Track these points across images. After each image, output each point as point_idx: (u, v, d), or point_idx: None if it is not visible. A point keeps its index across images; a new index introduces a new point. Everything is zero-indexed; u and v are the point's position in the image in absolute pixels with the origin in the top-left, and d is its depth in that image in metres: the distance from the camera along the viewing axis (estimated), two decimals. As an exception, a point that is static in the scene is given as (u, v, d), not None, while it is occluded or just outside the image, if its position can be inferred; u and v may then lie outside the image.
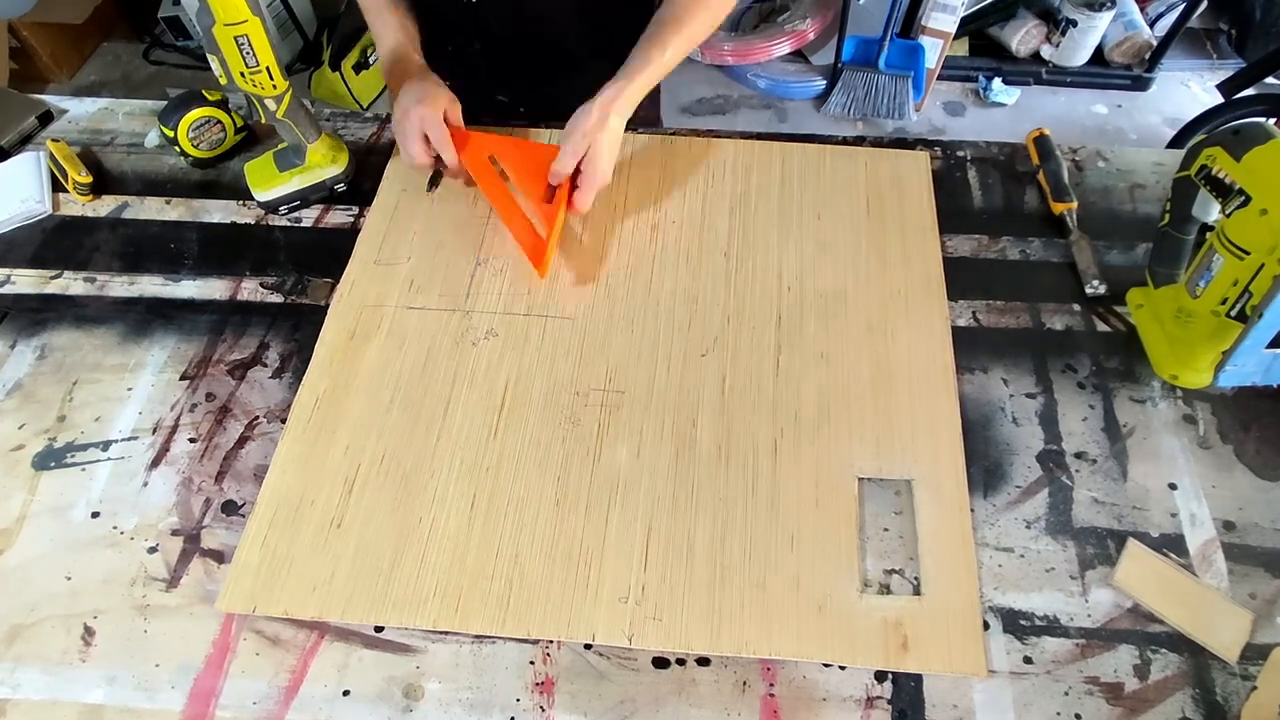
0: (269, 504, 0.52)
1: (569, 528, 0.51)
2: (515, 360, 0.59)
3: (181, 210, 0.69)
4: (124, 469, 0.54)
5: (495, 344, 0.60)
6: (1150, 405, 0.57)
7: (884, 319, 0.60)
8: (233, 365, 0.60)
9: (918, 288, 0.62)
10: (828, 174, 0.70)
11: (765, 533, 0.51)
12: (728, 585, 0.49)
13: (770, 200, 0.68)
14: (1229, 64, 1.81)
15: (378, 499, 0.52)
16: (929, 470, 0.53)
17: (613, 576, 0.49)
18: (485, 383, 0.58)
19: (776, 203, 0.68)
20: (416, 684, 0.46)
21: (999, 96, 1.79)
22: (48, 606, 0.49)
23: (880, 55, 1.69)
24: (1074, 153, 0.72)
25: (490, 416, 0.56)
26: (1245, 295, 0.51)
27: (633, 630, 0.47)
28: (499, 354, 0.59)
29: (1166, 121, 1.75)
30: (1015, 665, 0.46)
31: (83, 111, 0.77)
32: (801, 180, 0.69)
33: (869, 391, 0.57)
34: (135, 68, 1.94)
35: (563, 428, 0.55)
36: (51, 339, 0.61)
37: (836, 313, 0.61)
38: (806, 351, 0.59)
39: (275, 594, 0.49)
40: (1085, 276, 0.62)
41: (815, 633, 0.47)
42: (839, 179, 0.69)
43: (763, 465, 0.53)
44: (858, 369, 0.58)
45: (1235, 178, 0.53)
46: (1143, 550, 0.50)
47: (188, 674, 0.46)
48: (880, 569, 0.50)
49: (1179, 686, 0.46)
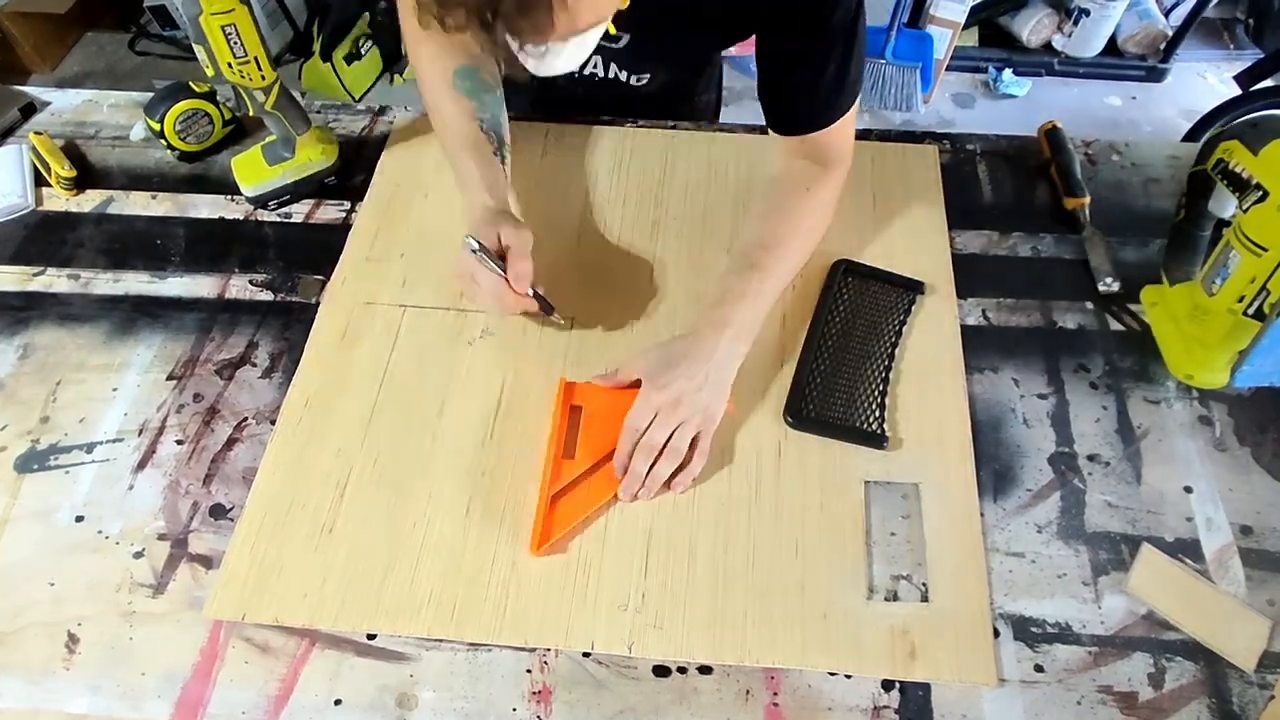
0: (258, 508, 0.51)
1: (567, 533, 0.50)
2: (512, 361, 0.57)
3: (168, 205, 0.68)
4: (109, 472, 0.53)
5: (491, 344, 0.58)
6: (1165, 406, 0.55)
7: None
8: (221, 365, 0.58)
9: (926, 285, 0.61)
10: None
11: (769, 538, 0.50)
12: (730, 592, 0.48)
13: None
14: (1246, 55, 1.78)
15: (370, 503, 0.51)
16: (937, 473, 0.52)
17: (612, 583, 0.48)
18: (481, 384, 0.56)
19: None
20: (410, 693, 0.45)
21: (1010, 88, 1.76)
22: (30, 613, 0.48)
23: (887, 45, 1.67)
24: (1087, 146, 0.70)
25: (486, 418, 0.54)
26: (1263, 293, 0.50)
27: (633, 639, 0.46)
28: (495, 354, 0.58)
29: (1182, 114, 1.72)
30: (1026, 674, 0.45)
31: (66, 103, 0.75)
32: None
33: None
34: (120, 58, 1.90)
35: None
36: (34, 338, 0.60)
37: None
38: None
39: (265, 601, 0.47)
40: (1098, 274, 0.61)
41: (820, 641, 0.46)
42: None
43: (766, 469, 0.52)
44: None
45: (1253, 172, 0.51)
46: (1157, 555, 0.49)
47: (174, 683, 0.45)
48: (887, 575, 0.48)
49: (1194, 695, 0.45)
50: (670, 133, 0.71)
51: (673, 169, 0.68)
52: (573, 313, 0.60)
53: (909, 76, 1.69)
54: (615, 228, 0.65)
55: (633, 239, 0.64)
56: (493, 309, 0.57)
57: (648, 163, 0.69)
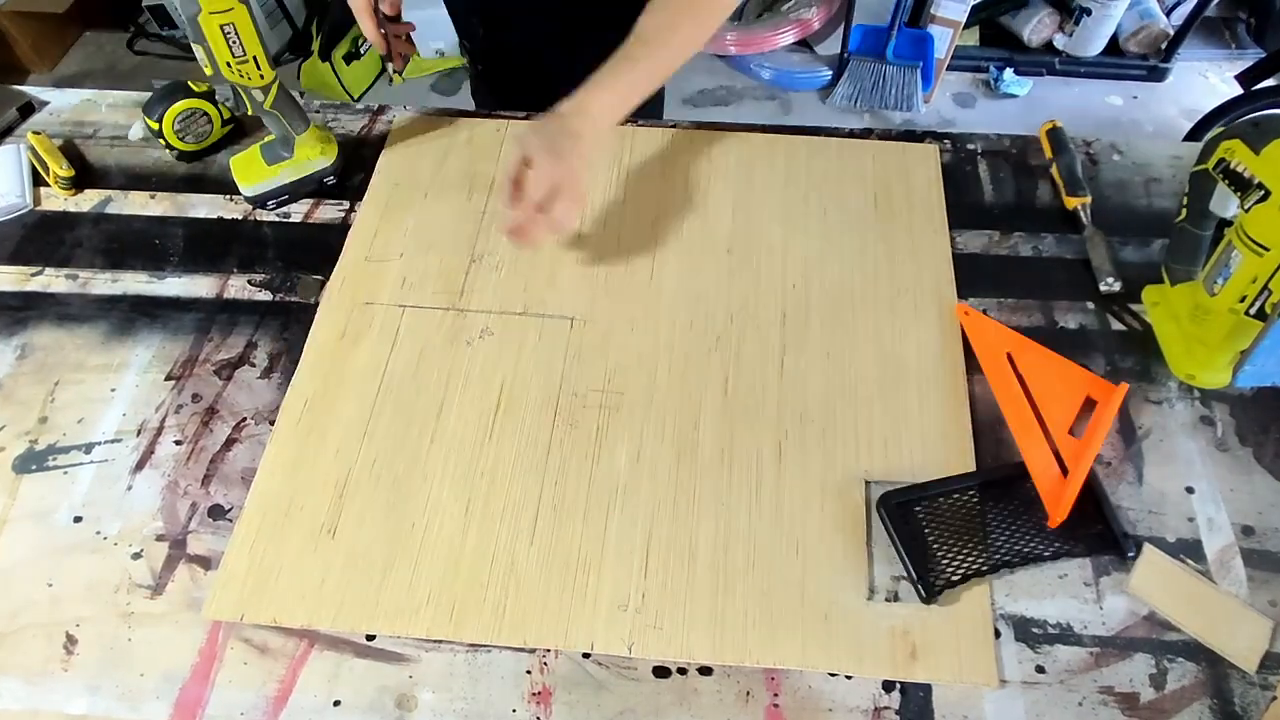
0: (257, 508, 0.51)
1: (567, 533, 0.50)
2: (511, 361, 0.57)
3: (166, 205, 0.68)
4: (107, 472, 0.53)
5: (491, 344, 0.58)
6: (1167, 406, 0.55)
7: (892, 317, 0.59)
8: (219, 365, 0.58)
9: (927, 285, 0.60)
10: (834, 168, 0.68)
11: (769, 539, 0.49)
12: (731, 593, 0.48)
13: (774, 195, 0.66)
14: (1248, 54, 1.78)
15: (369, 504, 0.51)
16: (939, 473, 0.51)
17: (612, 584, 0.48)
18: (480, 384, 0.56)
19: (781, 197, 0.66)
20: (409, 694, 0.45)
21: (1010, 88, 1.76)
22: (28, 614, 0.48)
23: (888, 45, 1.67)
24: (1088, 145, 0.70)
25: (485, 419, 0.54)
26: (1265, 293, 0.50)
27: (633, 639, 0.46)
28: (495, 354, 0.57)
29: (1184, 113, 1.71)
30: (1027, 675, 0.45)
31: (65, 103, 0.75)
32: (807, 174, 0.67)
33: (877, 392, 0.55)
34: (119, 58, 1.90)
35: (560, 430, 0.54)
36: (32, 338, 0.59)
37: (843, 311, 0.59)
38: (812, 351, 0.57)
39: (264, 601, 0.47)
40: (1099, 273, 0.60)
41: (821, 641, 0.46)
42: (845, 173, 0.67)
43: (767, 468, 0.52)
44: (865, 369, 0.56)
45: (1254, 171, 0.51)
46: (1159, 556, 0.48)
47: (173, 684, 0.45)
48: (888, 576, 0.48)
49: (1196, 696, 0.44)
50: (670, 131, 0.71)
51: (673, 167, 0.68)
52: (572, 312, 0.59)
53: (910, 76, 1.69)
54: (615, 226, 0.65)
55: (633, 237, 0.64)
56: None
57: (647, 161, 0.69)
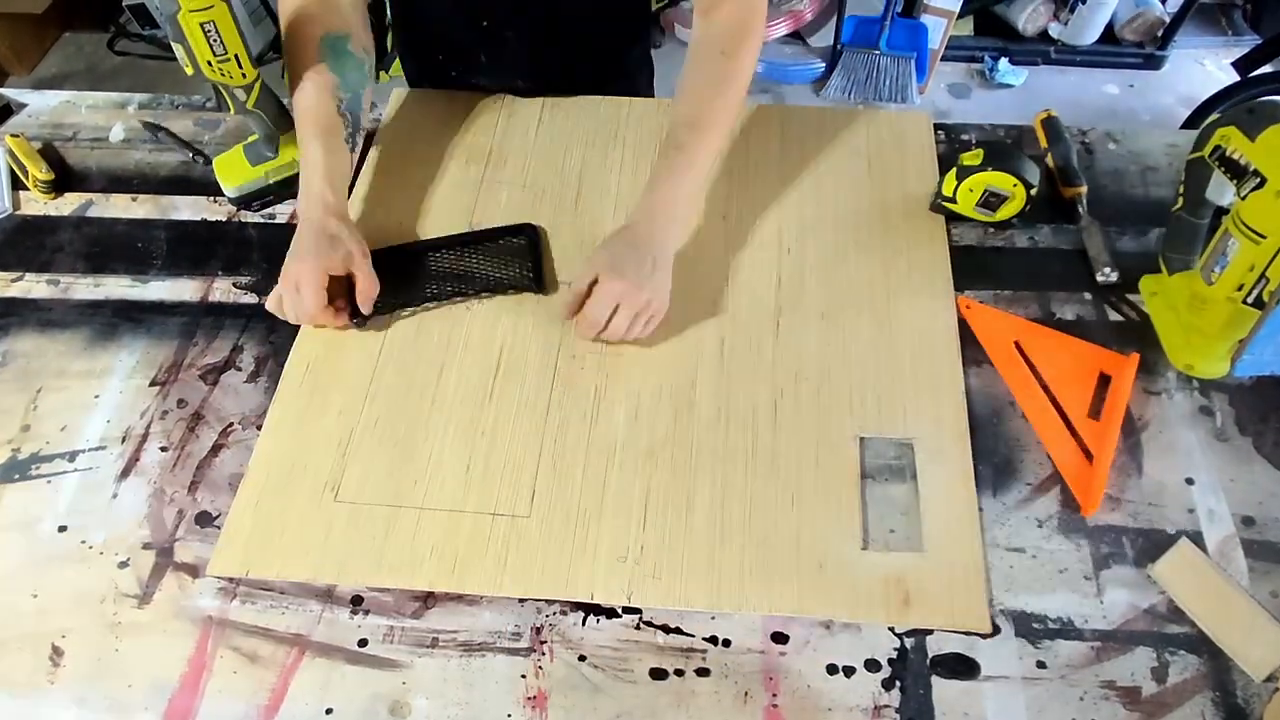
0: (261, 468, 0.52)
1: (566, 489, 0.51)
2: (510, 323, 0.58)
3: (149, 207, 0.67)
4: (92, 480, 0.52)
5: (489, 306, 0.59)
6: (1165, 397, 0.55)
7: (886, 279, 0.60)
8: (205, 370, 0.57)
9: (921, 247, 0.61)
10: (828, 136, 0.69)
11: (766, 491, 0.50)
12: (728, 544, 0.48)
13: (769, 162, 0.67)
14: (1245, 41, 1.77)
15: (372, 462, 0.52)
16: (931, 429, 0.52)
17: (611, 536, 0.49)
18: (480, 346, 0.57)
19: (776, 165, 0.67)
20: (403, 700, 0.44)
21: (1006, 77, 1.75)
22: (14, 626, 0.47)
23: (881, 36, 1.66)
24: (1084, 135, 0.70)
25: (485, 380, 0.55)
26: (1262, 281, 0.49)
27: (632, 589, 0.47)
28: (493, 317, 0.59)
29: (1180, 101, 1.71)
30: (1028, 670, 0.45)
31: (44, 105, 0.74)
32: (801, 142, 0.68)
33: (870, 352, 0.56)
34: (100, 59, 1.88)
35: (559, 390, 0.55)
36: (13, 345, 0.58)
37: (837, 273, 0.60)
38: (807, 312, 0.58)
39: (268, 557, 0.48)
40: (1096, 264, 0.60)
41: (816, 590, 0.47)
42: (839, 140, 0.68)
43: (763, 425, 0.53)
44: (859, 330, 0.57)
45: (1250, 158, 0.51)
46: (1193, 551, 0.48)
47: (162, 694, 0.45)
48: (883, 527, 0.49)
49: (1198, 689, 0.44)
50: (666, 102, 0.71)
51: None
52: (570, 276, 0.60)
53: (904, 67, 1.68)
54: (612, 196, 0.65)
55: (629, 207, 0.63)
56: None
57: (643, 133, 0.69)
